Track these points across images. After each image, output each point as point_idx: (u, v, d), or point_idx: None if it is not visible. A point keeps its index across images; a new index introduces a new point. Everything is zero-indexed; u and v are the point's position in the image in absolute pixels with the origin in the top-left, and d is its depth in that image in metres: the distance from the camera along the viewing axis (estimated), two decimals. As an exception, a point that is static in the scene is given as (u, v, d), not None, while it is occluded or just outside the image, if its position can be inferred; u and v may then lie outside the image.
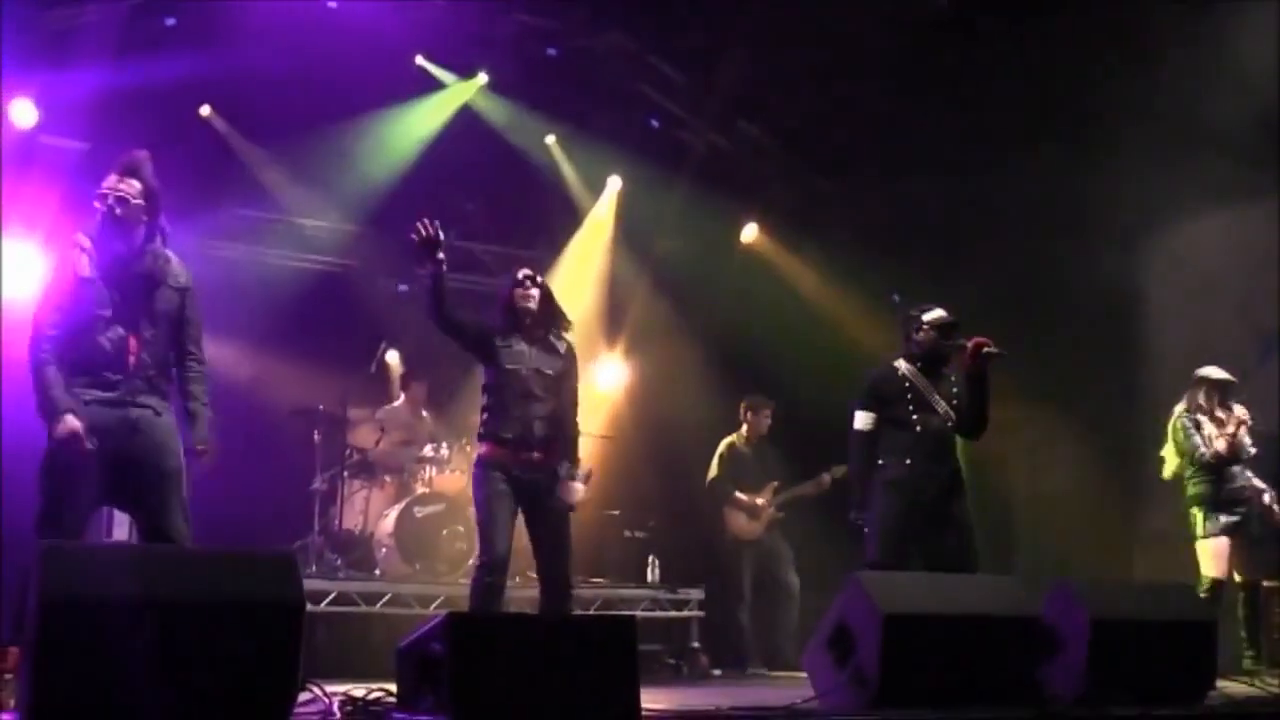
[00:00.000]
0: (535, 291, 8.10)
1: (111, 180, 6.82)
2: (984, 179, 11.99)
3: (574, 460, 8.06)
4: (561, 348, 8.12)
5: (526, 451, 7.83)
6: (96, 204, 6.78)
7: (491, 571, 7.69)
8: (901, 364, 8.60)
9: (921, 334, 8.55)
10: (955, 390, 8.55)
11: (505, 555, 7.74)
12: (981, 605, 6.52)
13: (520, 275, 8.22)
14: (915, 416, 8.39)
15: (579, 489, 8.02)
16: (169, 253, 6.97)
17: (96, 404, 6.58)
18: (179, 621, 4.82)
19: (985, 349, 8.26)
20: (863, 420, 8.49)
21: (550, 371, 7.97)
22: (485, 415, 8.02)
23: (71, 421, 6.44)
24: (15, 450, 8.27)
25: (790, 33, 12.29)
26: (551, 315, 8.18)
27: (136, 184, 6.83)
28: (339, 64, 11.69)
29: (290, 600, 5.09)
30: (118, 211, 6.74)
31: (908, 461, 8.31)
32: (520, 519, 7.90)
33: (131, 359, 6.67)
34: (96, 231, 6.79)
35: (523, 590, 11.15)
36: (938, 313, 8.59)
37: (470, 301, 13.87)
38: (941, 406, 8.45)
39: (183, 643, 4.80)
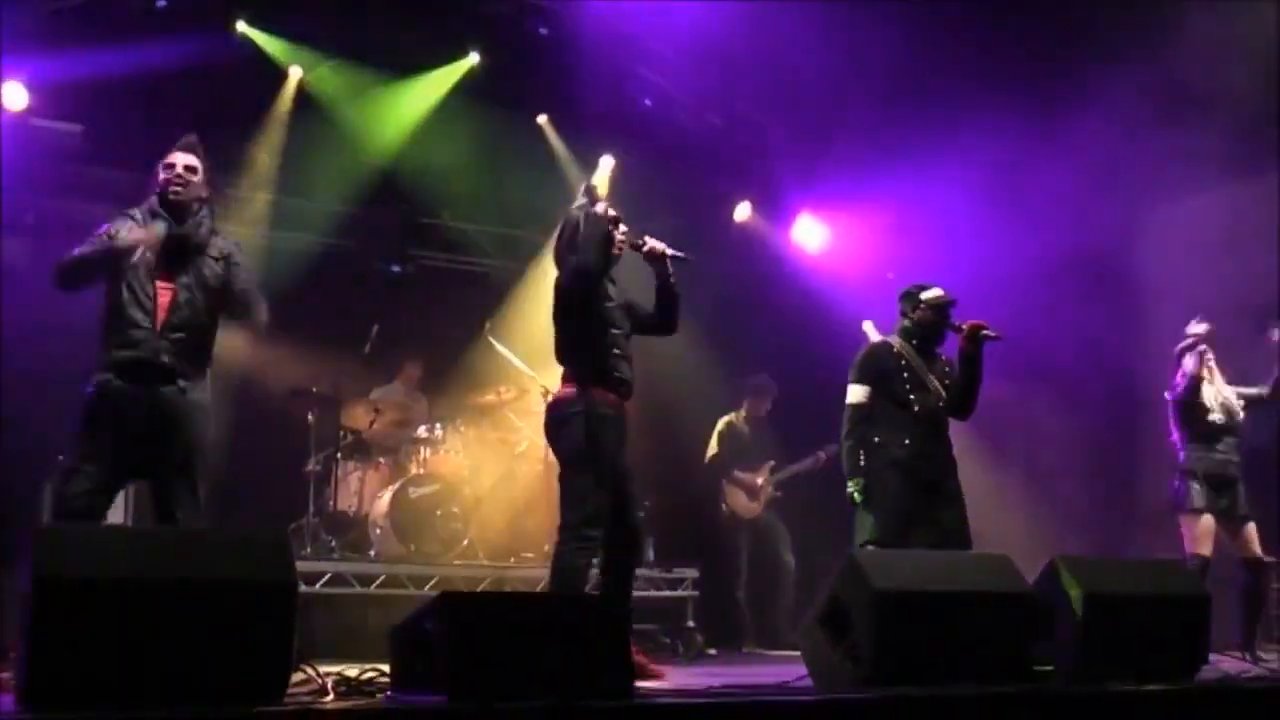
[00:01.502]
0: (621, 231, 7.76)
1: (179, 156, 7.01)
2: (981, 154, 11.96)
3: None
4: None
5: (628, 395, 7.54)
6: (162, 173, 6.96)
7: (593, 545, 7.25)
8: (897, 341, 8.60)
9: (919, 312, 8.56)
10: (948, 370, 8.54)
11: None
12: (976, 582, 6.53)
13: (612, 214, 7.80)
14: (912, 396, 8.39)
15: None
16: (217, 229, 7.12)
17: (123, 378, 6.65)
18: (172, 602, 4.81)
19: (982, 331, 8.26)
20: (857, 394, 8.46)
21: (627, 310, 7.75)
22: (584, 355, 7.55)
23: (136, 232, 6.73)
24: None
25: (784, 10, 12.25)
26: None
27: (196, 162, 6.98)
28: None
29: (283, 580, 5.09)
30: (183, 182, 6.95)
31: (906, 441, 8.29)
32: None
33: (161, 316, 6.74)
34: (156, 201, 6.93)
35: (522, 570, 11.20)
36: (935, 291, 8.59)
37: (463, 282, 13.96)
38: (934, 385, 8.45)
39: (176, 623, 4.80)
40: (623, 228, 7.77)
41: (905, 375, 8.44)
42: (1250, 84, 10.87)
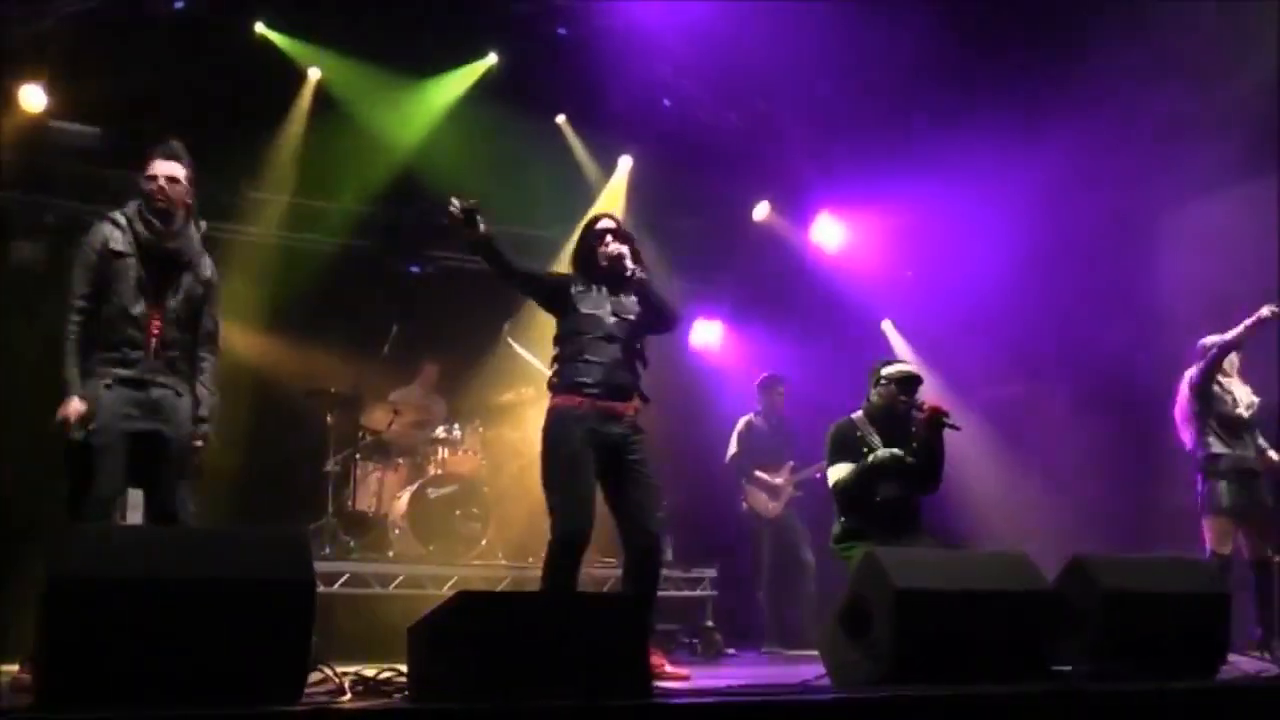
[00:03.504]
0: (616, 245, 7.65)
1: (161, 166, 6.94)
2: (1001, 153, 11.93)
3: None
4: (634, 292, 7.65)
5: (609, 400, 7.42)
6: (148, 184, 6.92)
7: (571, 550, 7.26)
8: (860, 419, 8.47)
9: (880, 389, 8.43)
10: (914, 446, 8.34)
11: (588, 529, 7.28)
12: (995, 581, 6.50)
13: (600, 227, 7.82)
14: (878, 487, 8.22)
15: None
16: (201, 244, 7.12)
17: (118, 384, 6.73)
18: (189, 601, 4.81)
19: (941, 418, 8.19)
20: (836, 473, 8.31)
21: (632, 317, 7.61)
22: (559, 366, 7.59)
23: (72, 405, 6.62)
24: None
25: (804, 10, 12.23)
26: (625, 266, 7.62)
27: (181, 169, 6.93)
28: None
29: (301, 579, 5.08)
30: (165, 195, 6.91)
31: (870, 531, 8.12)
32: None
33: (154, 338, 6.82)
34: (136, 210, 6.89)
35: (540, 570, 11.17)
36: (898, 367, 8.49)
37: (482, 283, 13.96)
38: (884, 450, 8.22)
39: (193, 623, 4.80)
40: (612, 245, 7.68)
41: (867, 453, 8.27)
42: (1261, 86, 10.85)
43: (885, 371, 8.43)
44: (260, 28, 12.42)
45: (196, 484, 6.98)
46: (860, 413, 8.49)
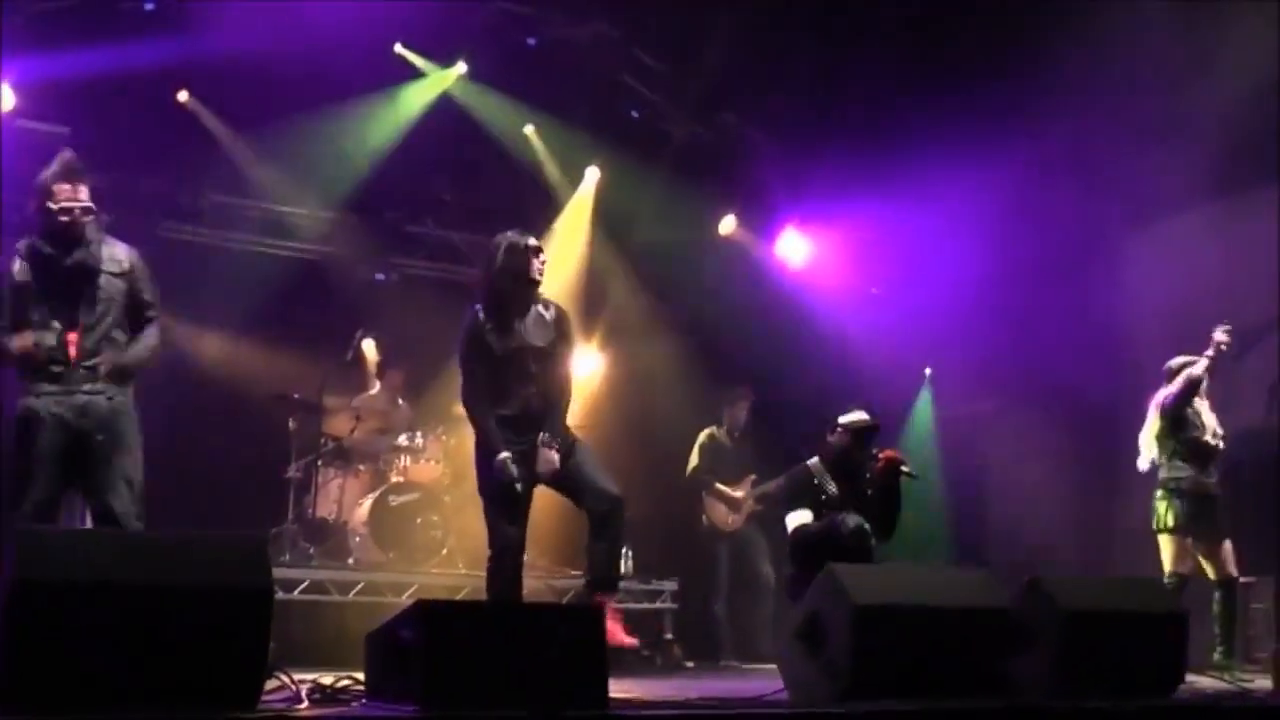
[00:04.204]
0: (542, 262, 7.79)
1: (67, 191, 6.94)
2: (967, 171, 11.97)
3: (556, 430, 7.71)
4: (550, 316, 7.79)
5: (532, 429, 7.60)
6: (60, 216, 6.92)
7: (503, 558, 7.58)
8: (817, 466, 8.43)
9: (835, 436, 8.39)
10: (870, 493, 8.34)
11: (515, 543, 7.62)
12: (954, 598, 6.51)
13: (532, 244, 7.81)
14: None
15: (554, 458, 7.64)
16: (107, 238, 7.12)
17: (47, 395, 6.83)
18: (147, 606, 4.79)
19: (897, 466, 8.19)
20: (794, 520, 8.24)
21: (543, 344, 7.70)
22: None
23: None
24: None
25: (772, 23, 12.27)
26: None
27: (85, 189, 6.94)
28: (318, 50, 11.64)
29: (259, 586, 5.06)
30: (79, 222, 6.95)
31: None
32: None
33: (73, 350, 6.86)
34: (39, 233, 6.95)
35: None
36: (854, 416, 8.38)
37: (446, 290, 13.95)
38: (850, 516, 8.15)
39: (150, 627, 4.77)
40: (542, 258, 7.82)
41: (822, 499, 8.26)
42: (1239, 100, 10.89)
43: (843, 420, 8.36)
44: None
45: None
46: (816, 459, 8.44)
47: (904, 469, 8.20)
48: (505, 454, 7.48)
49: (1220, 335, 9.62)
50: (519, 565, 7.65)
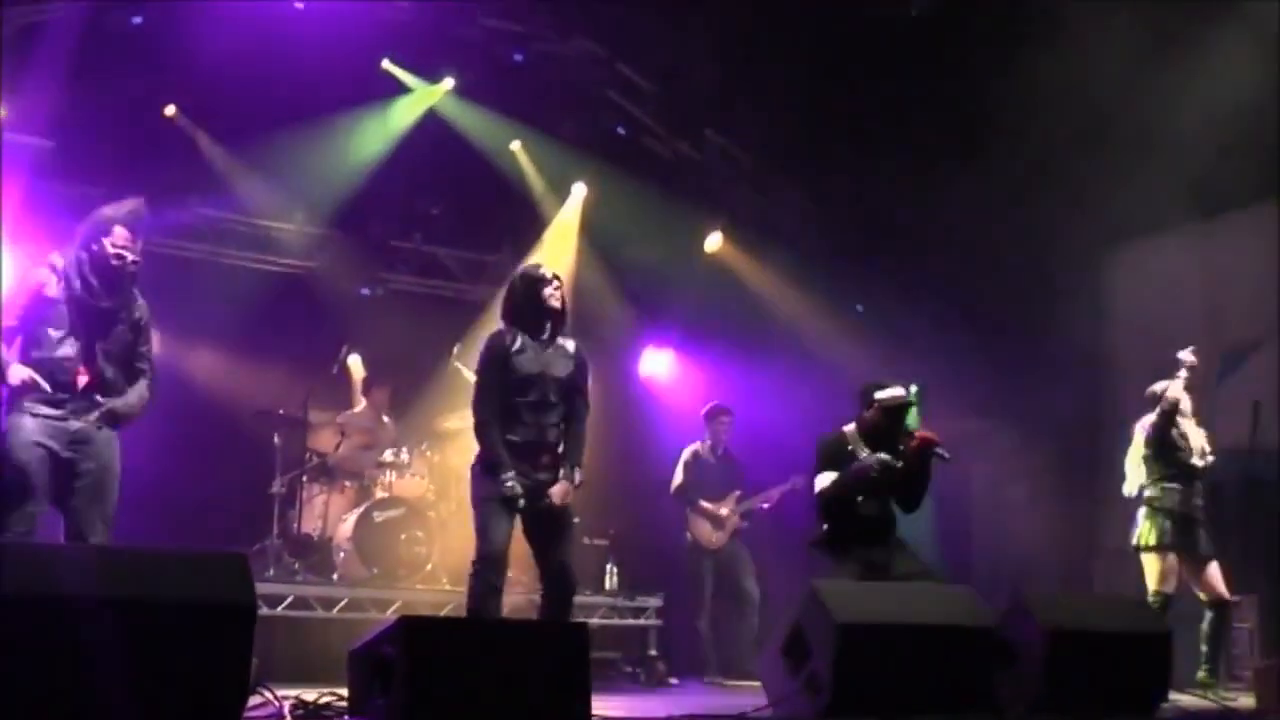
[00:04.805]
0: (560, 292, 7.83)
1: (127, 237, 7.06)
2: (951, 192, 11.99)
3: (579, 464, 7.71)
4: (571, 350, 7.81)
5: (538, 457, 7.59)
6: (114, 260, 6.98)
7: (488, 568, 7.48)
8: (851, 432, 8.47)
9: (871, 412, 8.42)
10: (901, 466, 8.35)
11: (502, 552, 7.53)
12: (937, 615, 6.52)
13: (546, 274, 7.86)
14: (859, 496, 8.28)
15: (570, 491, 7.60)
16: (134, 291, 7.18)
17: (43, 416, 6.86)
18: (130, 621, 4.78)
19: (932, 447, 8.23)
20: (822, 481, 8.32)
21: (564, 375, 7.70)
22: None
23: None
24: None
25: (758, 42, 12.30)
26: (565, 316, 7.86)
27: (140, 243, 7.07)
28: (305, 66, 11.66)
29: (242, 602, 5.05)
30: (129, 272, 7.05)
31: (855, 541, 8.20)
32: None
33: (80, 382, 6.94)
34: (85, 266, 6.99)
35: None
36: (891, 392, 8.43)
37: (432, 305, 13.96)
38: (875, 455, 8.26)
39: (133, 643, 4.76)
40: (556, 285, 7.84)
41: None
42: (1220, 121, 10.92)
43: (879, 396, 8.40)
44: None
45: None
46: (852, 427, 8.48)
47: (938, 450, 8.22)
48: (512, 472, 7.43)
49: (1187, 357, 9.65)
50: (503, 576, 7.55)
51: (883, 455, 8.20)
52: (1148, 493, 9.83)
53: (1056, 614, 6.83)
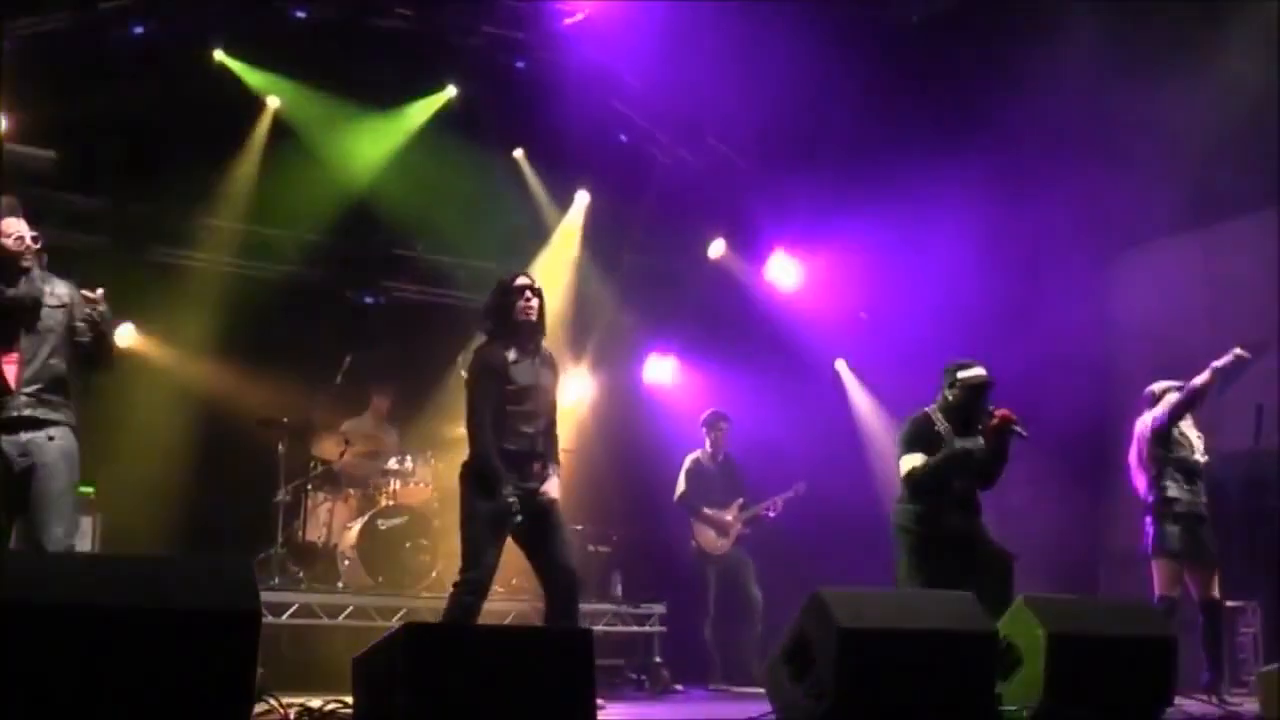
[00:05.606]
0: (536, 303, 7.84)
1: (15, 225, 6.98)
2: (954, 196, 11.99)
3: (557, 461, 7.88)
4: (550, 357, 7.93)
5: (529, 466, 7.66)
6: (12, 245, 6.94)
7: (474, 590, 7.54)
8: (936, 413, 8.79)
9: (954, 391, 8.74)
10: (980, 442, 8.70)
11: (490, 575, 7.62)
12: (940, 621, 6.52)
13: (520, 284, 7.89)
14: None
15: (557, 485, 7.77)
16: (49, 275, 7.12)
17: None
18: (134, 630, 4.79)
19: (1010, 425, 8.53)
20: (909, 462, 8.63)
21: (546, 384, 7.81)
22: None
23: None
24: None
25: (760, 49, 12.30)
26: (542, 325, 7.91)
27: (19, 226, 7.01)
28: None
29: (247, 609, 5.06)
30: (28, 251, 7.00)
31: (944, 515, 8.59)
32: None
33: (12, 380, 6.86)
34: None
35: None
36: (974, 372, 8.76)
37: (436, 314, 13.97)
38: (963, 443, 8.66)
39: (138, 651, 4.77)
40: (529, 296, 7.87)
41: (940, 447, 8.64)
42: (1223, 130, 10.93)
43: (961, 375, 8.75)
44: (219, 55, 12.42)
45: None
46: (935, 406, 8.82)
47: (1015, 428, 8.55)
48: (510, 486, 7.44)
49: (1239, 350, 9.68)
50: (484, 599, 7.66)
51: (967, 445, 8.61)
52: (1156, 497, 9.82)
53: (1061, 618, 6.82)
